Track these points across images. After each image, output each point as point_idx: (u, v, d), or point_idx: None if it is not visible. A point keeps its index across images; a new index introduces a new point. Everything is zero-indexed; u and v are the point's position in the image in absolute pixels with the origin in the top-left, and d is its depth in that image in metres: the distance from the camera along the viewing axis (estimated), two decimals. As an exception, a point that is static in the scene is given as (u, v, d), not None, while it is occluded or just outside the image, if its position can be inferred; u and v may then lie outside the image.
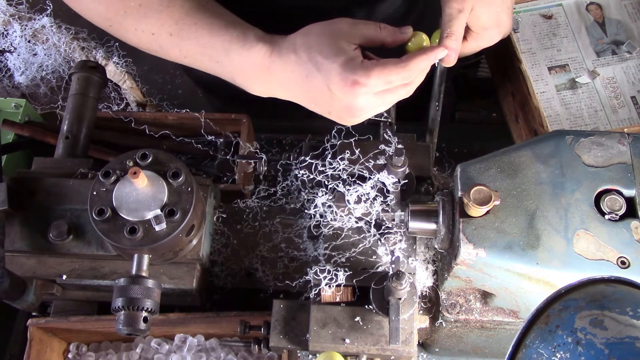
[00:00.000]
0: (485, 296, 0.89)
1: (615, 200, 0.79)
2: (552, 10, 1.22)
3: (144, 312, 0.82)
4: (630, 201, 0.79)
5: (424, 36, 0.88)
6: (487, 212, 0.79)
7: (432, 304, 0.93)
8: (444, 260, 0.91)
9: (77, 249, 0.91)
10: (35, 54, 1.32)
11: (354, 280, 0.88)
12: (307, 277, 0.90)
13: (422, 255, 0.94)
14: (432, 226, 0.85)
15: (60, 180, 0.94)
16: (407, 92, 0.84)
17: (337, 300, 0.88)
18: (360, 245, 0.91)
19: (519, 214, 0.79)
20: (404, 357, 0.87)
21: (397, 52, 0.93)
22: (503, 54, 1.19)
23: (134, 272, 0.85)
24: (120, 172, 0.86)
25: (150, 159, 0.88)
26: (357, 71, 0.78)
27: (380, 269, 0.89)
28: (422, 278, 0.92)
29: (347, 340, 0.86)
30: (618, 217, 0.78)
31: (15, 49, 1.32)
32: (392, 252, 0.89)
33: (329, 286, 0.87)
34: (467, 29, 0.94)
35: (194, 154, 1.17)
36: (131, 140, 1.16)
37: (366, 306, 0.87)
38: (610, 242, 0.77)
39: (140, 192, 0.85)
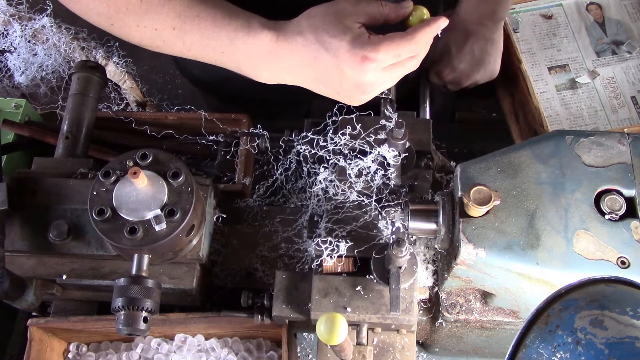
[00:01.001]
0: (485, 296, 0.89)
1: (615, 200, 0.79)
2: (552, 10, 1.22)
3: (144, 312, 0.82)
4: (630, 201, 0.79)
5: (424, 10, 0.88)
6: (487, 212, 0.79)
7: (432, 304, 0.93)
8: (444, 260, 0.91)
9: (77, 249, 0.90)
10: (35, 54, 1.32)
11: (355, 251, 0.88)
12: (308, 249, 0.90)
13: (422, 255, 0.94)
14: (432, 226, 0.85)
15: (60, 180, 0.94)
16: (414, 65, 0.85)
17: (339, 270, 0.88)
18: (361, 220, 0.91)
19: (519, 214, 0.79)
20: (404, 326, 0.88)
21: (397, 29, 0.93)
22: (503, 54, 1.19)
23: (134, 272, 0.85)
24: (120, 172, 0.86)
25: (150, 159, 0.88)
26: (365, 47, 0.78)
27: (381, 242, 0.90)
28: (422, 278, 0.92)
29: (349, 309, 0.86)
30: (618, 217, 0.78)
31: (15, 49, 1.32)
32: (393, 223, 0.89)
33: (331, 257, 0.88)
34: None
35: (194, 154, 1.17)
36: (131, 140, 1.16)
37: (367, 276, 0.87)
38: (610, 242, 0.77)
39: (140, 192, 0.85)
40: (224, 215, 1.00)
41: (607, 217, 0.78)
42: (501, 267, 0.78)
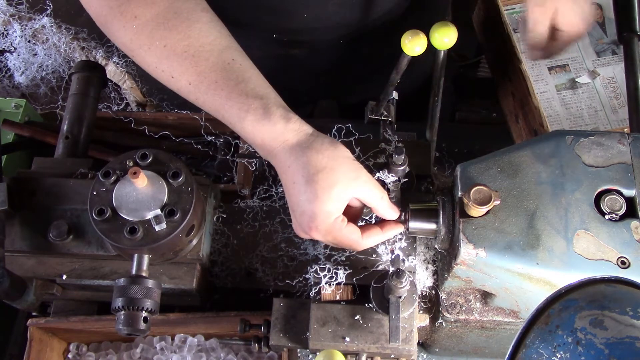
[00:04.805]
0: (485, 296, 0.89)
1: (615, 200, 0.79)
2: (552, 10, 1.21)
3: (144, 312, 0.82)
4: (630, 201, 0.79)
5: (422, 35, 0.88)
6: (487, 212, 0.79)
7: (432, 304, 0.93)
8: (444, 260, 0.91)
9: (77, 249, 0.91)
10: (35, 54, 1.32)
11: (354, 279, 0.88)
12: (307, 277, 0.90)
13: (422, 255, 0.94)
14: (432, 226, 0.85)
15: (60, 180, 0.94)
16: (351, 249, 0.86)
17: (337, 298, 0.88)
18: None
19: (519, 214, 0.79)
20: (404, 356, 0.87)
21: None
22: (503, 54, 1.19)
23: (134, 272, 0.85)
24: (120, 172, 0.86)
25: (150, 159, 0.88)
26: (319, 219, 0.79)
27: (380, 268, 0.90)
28: (422, 278, 0.92)
29: (347, 339, 0.86)
30: (618, 217, 0.78)
31: (15, 49, 1.32)
32: (392, 251, 0.89)
33: (329, 284, 0.87)
34: (554, 30, 1.00)
35: (194, 154, 1.18)
36: (131, 140, 1.16)
37: (366, 305, 0.87)
38: (610, 242, 0.76)
39: (140, 192, 0.85)
40: (224, 215, 1.00)
41: (607, 217, 0.78)
42: (501, 267, 0.78)
